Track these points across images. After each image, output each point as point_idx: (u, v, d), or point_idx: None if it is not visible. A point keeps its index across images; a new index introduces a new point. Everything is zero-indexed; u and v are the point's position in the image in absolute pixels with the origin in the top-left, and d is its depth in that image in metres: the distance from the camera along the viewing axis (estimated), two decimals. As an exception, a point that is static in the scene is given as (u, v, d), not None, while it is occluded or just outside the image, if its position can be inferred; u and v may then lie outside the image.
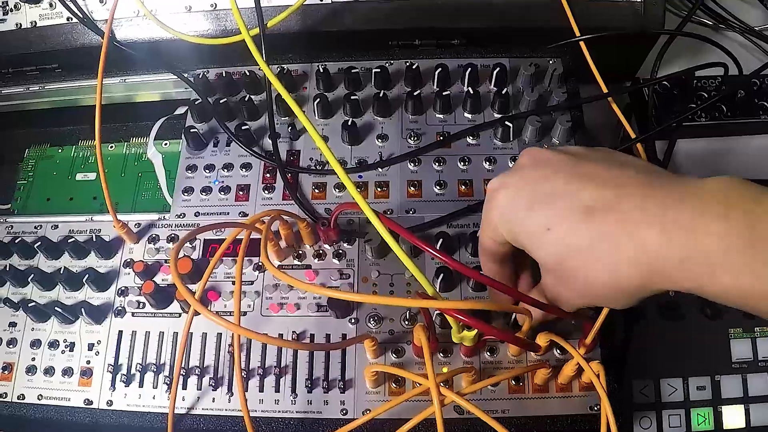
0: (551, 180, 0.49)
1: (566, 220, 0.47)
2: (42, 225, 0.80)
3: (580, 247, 0.47)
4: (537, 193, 0.49)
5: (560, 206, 0.48)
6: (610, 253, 0.45)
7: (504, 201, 0.52)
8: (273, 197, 0.78)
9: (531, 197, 0.49)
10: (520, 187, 0.51)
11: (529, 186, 0.50)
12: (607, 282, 0.47)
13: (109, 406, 0.70)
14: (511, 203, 0.51)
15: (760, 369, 0.76)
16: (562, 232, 0.48)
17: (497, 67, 0.81)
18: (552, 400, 0.67)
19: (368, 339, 0.65)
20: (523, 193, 0.50)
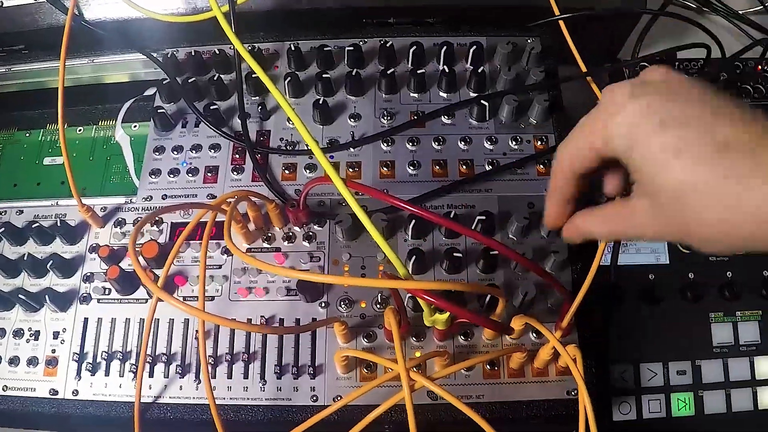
0: (686, 104, 0.45)
1: (699, 148, 0.44)
2: (6, 210, 0.78)
3: (707, 180, 0.43)
4: (671, 112, 0.45)
5: (695, 133, 0.44)
6: (740, 195, 0.42)
7: (633, 112, 0.47)
8: (242, 179, 0.76)
9: (666, 116, 0.45)
10: (653, 101, 0.46)
11: (665, 103, 0.46)
12: (721, 225, 0.44)
13: (75, 395, 0.69)
14: (643, 118, 0.46)
15: (741, 353, 0.75)
16: (692, 160, 0.44)
17: (474, 45, 0.80)
18: (528, 385, 0.66)
19: (338, 322, 0.63)
20: (656, 108, 0.46)
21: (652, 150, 0.45)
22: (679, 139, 0.44)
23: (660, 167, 0.45)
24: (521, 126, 0.77)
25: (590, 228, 0.54)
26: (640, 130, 0.46)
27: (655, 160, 0.45)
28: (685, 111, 0.45)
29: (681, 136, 0.44)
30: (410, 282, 0.53)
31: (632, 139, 0.46)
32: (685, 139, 0.44)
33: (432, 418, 0.65)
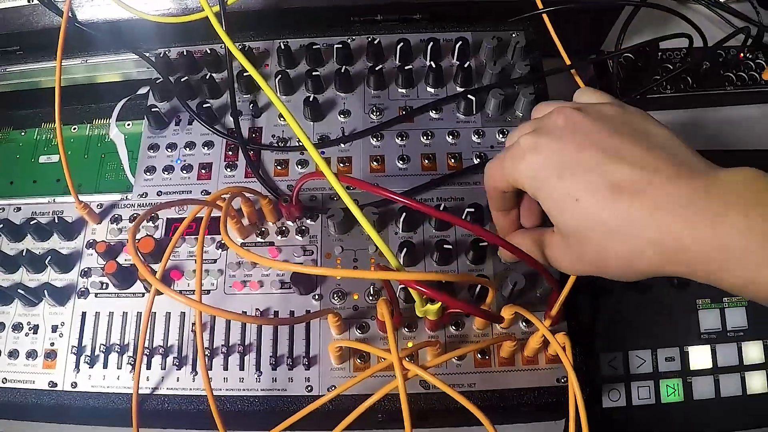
0: (584, 151, 0.49)
1: (595, 194, 0.47)
2: (5, 208, 0.79)
3: (604, 222, 0.47)
4: (569, 161, 0.49)
5: (590, 179, 0.48)
6: (633, 234, 0.46)
7: (534, 164, 0.51)
8: (235, 175, 0.77)
9: (562, 165, 0.49)
10: (552, 152, 0.50)
11: (561, 153, 0.50)
12: (623, 260, 0.48)
13: (74, 387, 0.69)
14: (542, 167, 0.51)
15: (729, 339, 0.76)
16: (589, 205, 0.48)
17: (459, 41, 0.81)
18: (519, 373, 0.67)
19: (331, 314, 0.64)
20: (554, 158, 0.50)
21: (553, 196, 0.50)
22: (577, 187, 0.48)
23: (562, 211, 0.50)
24: (508, 119, 0.79)
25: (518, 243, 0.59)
26: (541, 179, 0.51)
27: (558, 205, 0.50)
28: (586, 157, 0.49)
29: (577, 184, 0.48)
30: (402, 273, 0.54)
31: (536, 185, 0.52)
32: (582, 184, 0.48)
33: (425, 406, 0.66)
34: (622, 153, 0.48)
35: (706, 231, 0.42)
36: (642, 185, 0.46)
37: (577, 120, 0.51)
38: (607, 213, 0.47)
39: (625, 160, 0.47)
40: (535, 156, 0.51)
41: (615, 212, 0.47)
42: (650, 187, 0.46)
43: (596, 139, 0.49)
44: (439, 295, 0.54)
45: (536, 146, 0.52)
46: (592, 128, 0.50)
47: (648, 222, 0.45)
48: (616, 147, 0.48)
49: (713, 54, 0.89)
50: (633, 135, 0.49)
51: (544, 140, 0.51)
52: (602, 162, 0.48)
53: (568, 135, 0.51)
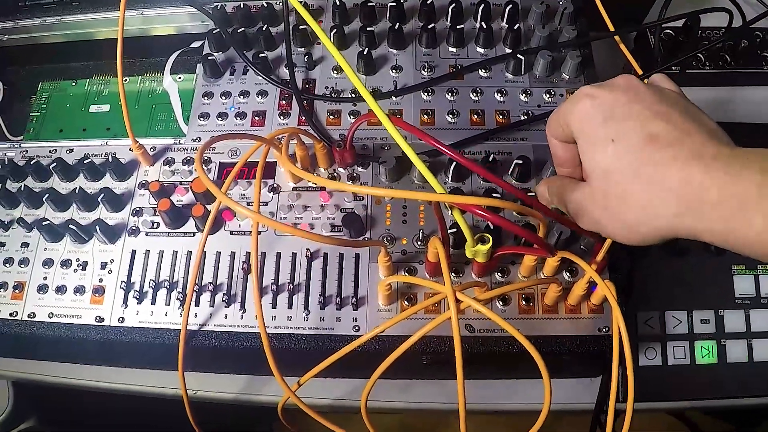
0: (632, 105, 0.53)
1: (630, 138, 0.51)
2: (57, 149, 0.80)
3: (632, 163, 0.50)
4: (616, 111, 0.53)
5: (630, 126, 0.51)
6: (657, 178, 0.49)
7: (586, 107, 0.55)
8: (288, 123, 0.79)
9: (610, 112, 0.53)
10: (604, 101, 0.54)
11: (612, 103, 0.54)
12: (643, 202, 0.50)
13: (121, 323, 0.71)
14: (591, 111, 0.54)
15: (763, 305, 0.78)
16: (623, 147, 0.51)
17: (509, 4, 0.84)
18: (561, 321, 0.68)
19: (383, 251, 0.65)
20: (604, 107, 0.54)
21: (594, 137, 0.54)
22: (616, 130, 0.52)
23: (597, 150, 0.54)
24: (554, 81, 0.81)
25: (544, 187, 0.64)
26: (587, 121, 0.55)
27: (595, 145, 0.54)
28: (630, 108, 0.53)
29: (618, 127, 0.52)
30: (463, 197, 0.55)
31: (581, 127, 0.55)
32: (622, 131, 0.52)
33: (470, 349, 0.67)
34: (665, 115, 0.51)
35: (725, 181, 0.45)
36: (674, 140, 0.49)
37: (635, 83, 0.55)
38: (637, 156, 0.50)
39: (666, 119, 0.51)
40: (591, 100, 0.55)
41: (644, 156, 0.50)
42: (682, 143, 0.49)
43: (646, 99, 0.53)
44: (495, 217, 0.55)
45: (592, 93, 0.55)
46: (645, 91, 0.54)
47: (674, 169, 0.48)
48: (662, 110, 0.52)
49: (751, 33, 0.92)
50: (679, 108, 0.52)
51: (600, 91, 0.55)
52: (646, 115, 0.51)
53: (622, 91, 0.54)
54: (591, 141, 0.54)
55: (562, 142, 0.61)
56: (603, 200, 0.54)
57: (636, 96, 0.54)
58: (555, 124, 0.60)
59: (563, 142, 0.61)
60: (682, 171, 0.47)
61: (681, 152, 0.48)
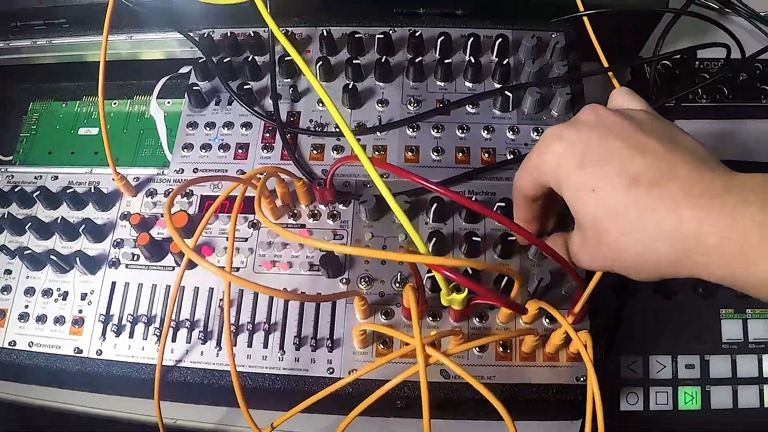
0: (607, 142, 0.50)
1: (612, 184, 0.48)
2: (42, 175, 0.80)
3: (620, 212, 0.48)
4: (591, 152, 0.50)
5: (609, 170, 0.48)
6: (648, 225, 0.46)
7: (558, 151, 0.52)
8: (272, 157, 0.78)
9: (584, 155, 0.50)
10: (576, 142, 0.51)
11: (585, 143, 0.51)
12: (639, 252, 0.48)
13: (99, 355, 0.71)
14: (565, 156, 0.52)
15: (750, 351, 0.76)
16: (606, 195, 0.48)
17: (500, 38, 0.82)
18: (539, 369, 0.67)
19: (358, 297, 0.65)
20: (578, 148, 0.51)
21: (573, 186, 0.51)
22: (595, 177, 0.49)
23: (580, 201, 0.51)
24: (543, 118, 0.79)
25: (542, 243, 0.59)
26: (563, 169, 0.52)
27: (577, 196, 0.51)
28: (609, 148, 0.49)
29: (597, 173, 0.49)
30: (431, 257, 0.54)
31: (558, 176, 0.52)
32: (601, 176, 0.49)
33: (444, 396, 0.67)
34: (644, 147, 0.48)
35: (722, 222, 0.42)
36: (660, 178, 0.46)
37: (605, 115, 0.52)
38: (623, 203, 0.47)
39: (646, 153, 0.48)
40: (560, 144, 0.52)
41: (631, 203, 0.47)
42: (668, 180, 0.46)
43: (621, 132, 0.50)
44: (465, 280, 0.54)
45: (561, 135, 0.52)
46: (618, 123, 0.51)
47: (664, 214, 0.45)
48: (640, 141, 0.49)
49: (751, 66, 0.89)
50: (658, 135, 0.50)
51: (570, 131, 0.52)
52: (623, 153, 0.48)
53: (593, 127, 0.51)
54: (571, 190, 0.51)
55: (530, 199, 0.59)
56: (599, 249, 0.52)
57: (607, 131, 0.50)
58: (525, 177, 0.58)
59: (531, 199, 0.59)
60: (672, 215, 0.45)
61: (667, 192, 0.45)
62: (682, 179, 0.46)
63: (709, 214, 0.43)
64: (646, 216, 0.46)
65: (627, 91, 0.58)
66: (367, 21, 0.87)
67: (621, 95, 0.58)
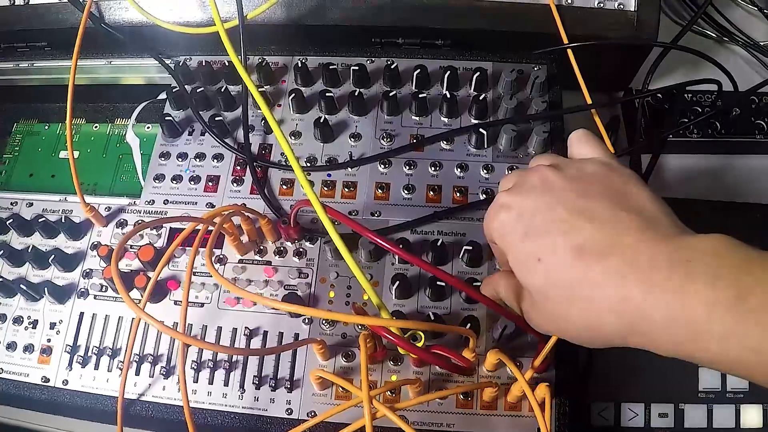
0: (552, 211, 0.49)
1: (556, 255, 0.47)
2: (18, 201, 0.81)
3: (565, 284, 0.47)
4: (535, 222, 0.50)
5: (553, 240, 0.48)
6: (593, 299, 0.45)
7: (504, 221, 0.53)
8: (241, 190, 0.78)
9: (528, 226, 0.50)
10: (521, 213, 0.51)
11: (530, 213, 0.50)
12: (585, 325, 0.47)
13: (65, 385, 0.71)
14: (510, 226, 0.52)
15: (727, 400, 0.74)
16: (551, 266, 0.48)
17: (478, 71, 0.80)
18: (500, 418, 0.66)
19: (315, 343, 0.65)
20: (522, 219, 0.51)
21: (518, 256, 0.51)
22: (540, 248, 0.49)
23: (526, 270, 0.50)
24: (519, 155, 0.77)
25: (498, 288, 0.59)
26: (509, 238, 0.52)
27: (522, 265, 0.51)
28: (549, 217, 0.49)
29: (541, 244, 0.49)
30: (373, 319, 0.54)
31: (504, 244, 0.53)
32: (546, 246, 0.48)
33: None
34: (590, 213, 0.48)
35: (668, 300, 0.41)
36: (605, 249, 0.45)
37: (551, 179, 0.52)
38: (567, 275, 0.47)
39: (592, 220, 0.47)
40: (506, 214, 0.52)
41: (575, 275, 0.46)
42: (613, 251, 0.45)
43: (565, 199, 0.49)
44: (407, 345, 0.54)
45: (508, 205, 0.53)
46: (563, 187, 0.50)
47: (609, 288, 0.44)
48: (585, 207, 0.48)
49: (746, 100, 0.86)
50: (607, 195, 0.49)
51: (516, 199, 0.52)
52: (568, 223, 0.48)
53: (539, 194, 0.51)
54: (517, 260, 0.51)
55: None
56: (549, 316, 0.51)
57: (553, 196, 0.50)
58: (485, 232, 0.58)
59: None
60: (618, 289, 0.43)
61: (613, 264, 0.44)
62: (628, 250, 0.44)
63: (655, 291, 0.42)
64: (592, 289, 0.45)
65: (584, 135, 0.57)
66: (345, 51, 0.85)
67: (578, 141, 0.57)
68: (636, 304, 0.42)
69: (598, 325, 0.46)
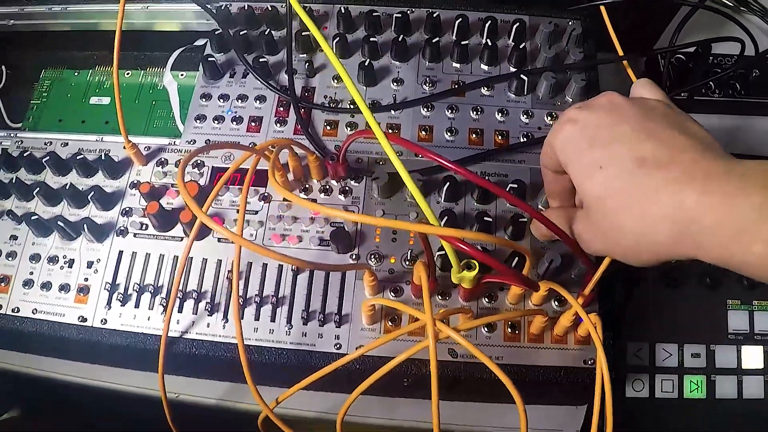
0: (617, 126, 0.51)
1: (619, 163, 0.50)
2: (52, 141, 0.80)
3: (624, 191, 0.49)
4: (601, 134, 0.52)
5: (617, 150, 0.50)
6: (649, 204, 0.48)
7: (569, 133, 0.54)
8: (285, 131, 0.78)
9: (594, 137, 0.52)
10: (587, 125, 0.53)
11: (596, 127, 0.53)
12: (638, 231, 0.49)
13: (103, 324, 0.70)
14: (576, 137, 0.54)
15: (756, 342, 0.77)
16: (612, 173, 0.50)
17: (517, 22, 0.82)
18: (547, 351, 0.67)
19: (368, 272, 0.65)
20: (588, 131, 0.53)
21: (581, 164, 0.53)
22: (604, 156, 0.51)
23: (586, 178, 0.52)
24: (557, 103, 0.79)
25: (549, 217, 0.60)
26: (573, 148, 0.54)
27: (583, 173, 0.53)
28: (615, 131, 0.51)
29: (605, 153, 0.51)
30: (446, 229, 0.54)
31: (567, 154, 0.55)
32: (609, 155, 0.51)
33: (451, 375, 0.66)
34: (652, 132, 0.50)
35: (720, 204, 0.43)
36: (665, 161, 0.48)
37: (618, 101, 0.54)
38: (627, 182, 0.49)
39: (654, 138, 0.49)
40: (573, 126, 0.54)
41: (635, 182, 0.49)
42: (672, 163, 0.47)
43: (631, 118, 0.52)
44: (480, 254, 0.54)
45: (576, 117, 0.54)
46: (630, 109, 0.53)
47: (665, 195, 0.47)
48: (649, 127, 0.50)
49: (764, 62, 0.89)
50: (667, 122, 0.51)
51: (584, 113, 0.54)
52: (632, 136, 0.50)
53: (606, 111, 0.53)
54: (579, 169, 0.53)
55: (554, 173, 0.61)
56: (601, 229, 0.53)
57: (620, 115, 0.52)
58: (545, 152, 0.60)
59: (555, 173, 0.60)
60: (674, 195, 0.46)
61: (672, 174, 0.47)
62: (686, 163, 0.47)
63: (709, 196, 0.44)
64: (650, 195, 0.48)
65: (647, 81, 0.59)
66: (386, 1, 0.86)
67: (641, 86, 0.59)
68: (689, 209, 0.45)
69: (651, 233, 0.48)
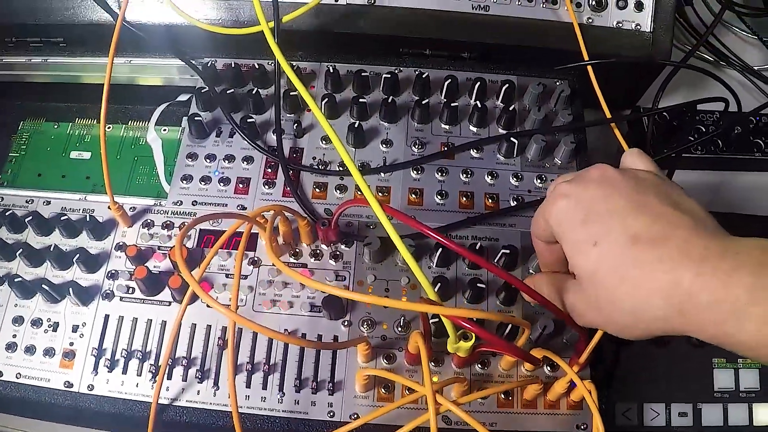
0: (611, 201, 0.52)
1: (613, 240, 0.50)
2: (34, 200, 0.78)
3: (618, 267, 0.50)
4: (594, 209, 0.53)
5: (611, 226, 0.51)
6: (644, 282, 0.48)
7: (563, 207, 0.55)
8: (273, 193, 0.77)
9: (588, 212, 0.53)
10: (580, 200, 0.54)
11: (589, 201, 0.53)
12: (632, 307, 0.50)
13: (90, 390, 0.68)
14: (570, 212, 0.54)
15: (741, 399, 0.78)
16: (606, 250, 0.51)
17: (506, 84, 0.82)
18: (540, 416, 0.68)
19: (363, 342, 0.64)
20: (582, 206, 0.54)
21: (576, 239, 0.54)
22: (598, 232, 0.52)
23: (581, 254, 0.53)
24: (547, 165, 0.80)
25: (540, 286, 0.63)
26: (568, 223, 0.55)
27: (577, 248, 0.54)
28: (612, 206, 0.52)
29: (599, 229, 0.52)
30: (451, 309, 0.54)
31: (561, 230, 0.55)
32: (602, 232, 0.52)
33: (447, 440, 0.66)
34: (646, 207, 0.51)
35: (715, 284, 0.45)
36: (660, 238, 0.49)
37: (610, 174, 0.55)
38: (621, 259, 0.50)
39: (647, 213, 0.50)
40: (565, 202, 0.55)
41: (629, 259, 0.49)
42: (667, 240, 0.48)
43: (624, 192, 0.53)
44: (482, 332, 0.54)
45: (568, 192, 0.55)
46: (621, 182, 0.54)
47: (659, 272, 0.47)
48: (642, 201, 0.51)
49: (746, 120, 0.91)
50: (661, 195, 0.52)
51: (576, 189, 0.55)
52: (626, 212, 0.51)
53: (598, 186, 0.54)
54: (573, 244, 0.54)
55: (547, 243, 0.61)
56: (595, 303, 0.54)
57: (612, 189, 0.53)
58: (537, 223, 0.60)
59: (548, 243, 0.61)
60: (669, 274, 0.47)
61: (666, 252, 0.48)
62: (681, 240, 0.48)
63: (703, 276, 0.45)
64: (645, 273, 0.48)
65: (638, 152, 0.60)
66: (373, 60, 0.86)
67: (631, 156, 0.60)
68: (684, 287, 0.46)
69: (646, 309, 0.49)
